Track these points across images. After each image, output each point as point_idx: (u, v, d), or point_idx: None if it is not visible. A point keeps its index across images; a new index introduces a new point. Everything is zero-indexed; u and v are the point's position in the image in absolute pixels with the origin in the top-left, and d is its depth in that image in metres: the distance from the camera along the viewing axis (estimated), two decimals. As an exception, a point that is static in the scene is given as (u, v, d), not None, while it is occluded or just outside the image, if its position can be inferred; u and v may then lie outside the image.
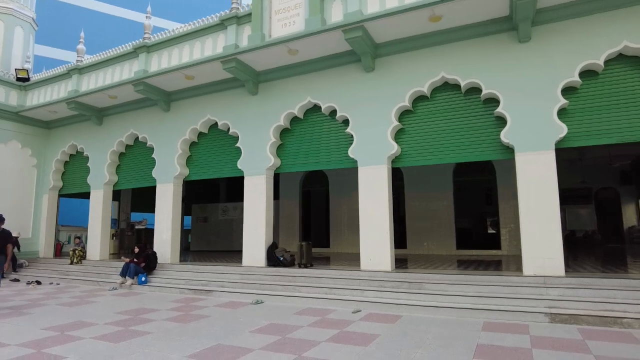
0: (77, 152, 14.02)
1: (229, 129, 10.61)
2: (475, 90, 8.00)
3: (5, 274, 11.78)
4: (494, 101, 7.78)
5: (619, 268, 7.98)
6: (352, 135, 8.88)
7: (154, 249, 11.03)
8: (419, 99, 8.57)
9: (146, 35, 11.07)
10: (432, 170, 12.97)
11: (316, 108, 9.65)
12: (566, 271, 6.95)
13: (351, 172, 9.25)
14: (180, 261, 11.41)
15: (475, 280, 7.13)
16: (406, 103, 8.44)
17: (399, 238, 12.37)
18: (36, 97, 13.59)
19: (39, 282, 11.02)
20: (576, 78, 7.12)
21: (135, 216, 20.43)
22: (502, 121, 7.68)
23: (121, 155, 12.96)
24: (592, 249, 14.15)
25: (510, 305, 6.26)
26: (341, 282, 8.08)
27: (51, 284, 11.09)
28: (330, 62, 9.29)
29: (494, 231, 13.30)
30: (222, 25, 9.78)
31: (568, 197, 16.40)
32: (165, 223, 11.22)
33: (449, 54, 8.17)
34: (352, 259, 10.39)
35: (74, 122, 13.81)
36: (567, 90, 7.29)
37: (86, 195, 13.54)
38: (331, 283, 8.11)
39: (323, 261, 10.91)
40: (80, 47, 12.71)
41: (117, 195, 17.31)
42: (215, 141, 11.16)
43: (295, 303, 7.71)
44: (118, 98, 12.07)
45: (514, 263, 9.49)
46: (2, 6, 14.60)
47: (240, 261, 9.99)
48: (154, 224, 11.62)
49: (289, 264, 9.50)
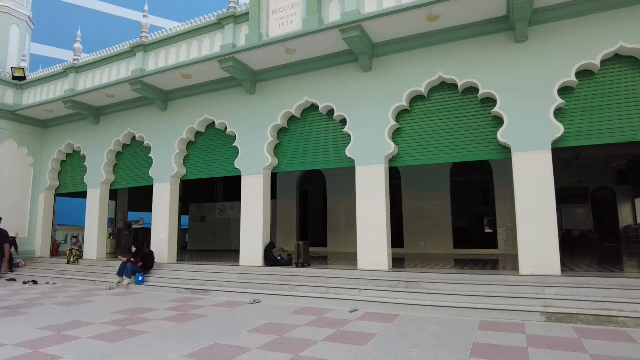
0: (74, 151, 13.98)
1: (226, 129, 10.60)
2: (473, 90, 8.02)
3: (1, 274, 11.76)
4: (491, 101, 7.80)
5: (615, 267, 8.02)
6: (350, 135, 8.89)
7: (151, 249, 11.02)
8: (416, 98, 8.59)
9: (143, 34, 11.04)
10: (430, 169, 13.00)
11: (314, 107, 9.65)
12: (562, 270, 6.98)
13: (349, 171, 9.25)
14: (178, 261, 11.40)
15: (472, 279, 7.16)
16: (403, 103, 8.45)
17: (396, 237, 12.37)
18: (32, 96, 13.54)
19: (35, 282, 10.98)
20: (573, 78, 7.14)
21: (133, 215, 20.39)
22: (499, 121, 7.70)
23: (118, 154, 12.92)
24: (589, 248, 14.21)
25: (506, 305, 6.29)
26: (338, 281, 8.09)
27: (48, 283, 11.05)
28: (327, 62, 9.30)
29: (491, 231, 13.34)
30: (219, 24, 9.77)
31: (565, 196, 16.52)
32: (163, 222, 11.21)
33: (446, 54, 8.19)
34: (350, 258, 10.40)
35: (71, 121, 13.76)
36: (564, 90, 7.31)
37: (83, 195, 13.50)
38: (328, 282, 8.11)
39: (320, 261, 10.92)
40: (77, 45, 12.65)
41: (114, 194, 17.27)
42: (213, 140, 11.15)
43: (292, 302, 7.71)
44: (115, 97, 12.04)
45: (511, 262, 9.52)
46: (-2, 4, 14.54)
47: (238, 261, 9.99)
48: (151, 223, 11.60)
49: (287, 263, 9.51)
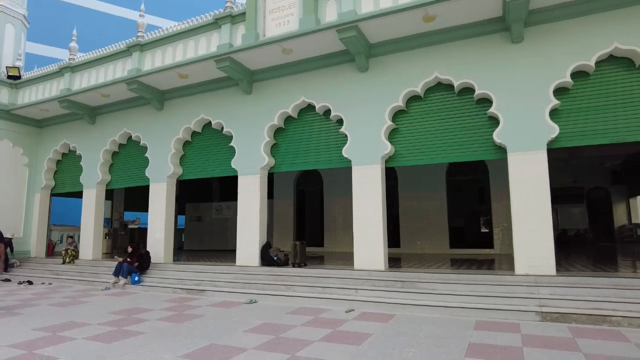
0: (69, 151, 13.91)
1: (222, 128, 10.59)
2: (469, 90, 8.05)
3: (-4, 274, 11.70)
4: (486, 101, 7.83)
5: (609, 267, 8.09)
6: (346, 135, 8.90)
7: (147, 249, 10.98)
8: (413, 99, 8.61)
9: (139, 34, 11.01)
10: (426, 169, 13.03)
11: (310, 107, 9.65)
12: (557, 270, 7.02)
13: (345, 171, 9.26)
14: (174, 261, 11.37)
15: (467, 279, 7.19)
16: (400, 103, 8.47)
17: (393, 237, 12.40)
18: (28, 96, 13.45)
19: (30, 282, 10.91)
20: (568, 79, 7.19)
21: (129, 215, 20.33)
22: (494, 121, 7.74)
23: (114, 154, 12.87)
24: (584, 247, 14.31)
25: (502, 304, 6.32)
26: (335, 281, 8.10)
27: (43, 283, 10.99)
28: (324, 62, 9.30)
29: (487, 230, 13.40)
30: (216, 24, 9.75)
31: (560, 196, 16.57)
32: (159, 222, 11.18)
33: (442, 54, 8.21)
34: (346, 258, 10.42)
35: (67, 121, 13.69)
36: (559, 91, 7.36)
37: (79, 195, 13.44)
38: (325, 282, 8.12)
39: (317, 260, 10.93)
40: (73, 45, 12.58)
41: (110, 194, 17.18)
42: (209, 140, 11.12)
43: (288, 302, 7.72)
44: (111, 97, 11.99)
45: (506, 262, 9.57)
46: (-7, 3, 14.45)
47: (234, 260, 9.98)
48: (147, 223, 11.57)
49: (283, 263, 9.51)
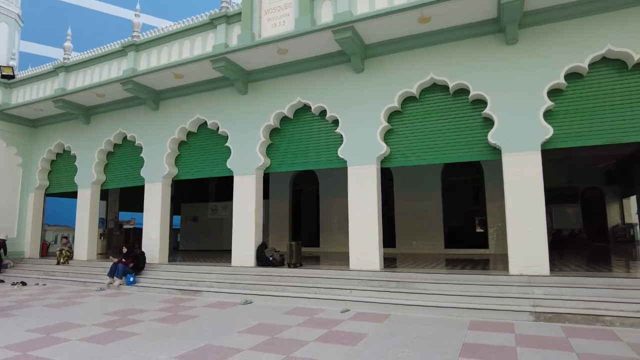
0: (64, 150, 13.83)
1: (218, 129, 10.57)
2: (464, 91, 8.09)
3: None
4: (481, 102, 7.87)
5: (603, 267, 8.15)
6: (342, 136, 8.92)
7: (143, 249, 10.94)
8: (408, 99, 8.64)
9: (135, 34, 10.96)
10: (421, 170, 13.08)
11: (306, 108, 9.66)
12: (551, 270, 7.08)
13: (341, 172, 9.28)
14: (169, 261, 11.35)
15: (462, 279, 7.22)
16: (395, 104, 8.50)
17: (388, 237, 12.43)
18: (22, 95, 13.36)
19: (24, 283, 10.85)
20: (562, 80, 7.24)
21: (124, 215, 20.23)
22: (489, 122, 7.78)
23: (109, 154, 12.81)
24: (578, 247, 14.41)
25: (496, 304, 6.35)
26: (330, 281, 8.12)
27: (37, 284, 10.93)
28: (320, 62, 9.31)
29: (482, 230, 13.47)
30: (211, 24, 9.73)
31: (554, 196, 16.69)
32: (154, 222, 11.14)
33: (437, 55, 8.24)
34: (342, 258, 10.43)
35: (61, 121, 13.61)
36: (553, 92, 7.41)
37: (73, 195, 13.36)
38: (320, 283, 8.13)
39: (313, 261, 10.94)
40: (68, 44, 12.50)
41: (105, 194, 17.12)
42: (205, 140, 11.10)
43: (284, 303, 7.72)
44: (106, 96, 11.93)
45: (501, 262, 9.62)
46: (-14, 2, 14.34)
47: (230, 261, 9.97)
48: (142, 224, 11.53)
49: (279, 263, 9.51)
